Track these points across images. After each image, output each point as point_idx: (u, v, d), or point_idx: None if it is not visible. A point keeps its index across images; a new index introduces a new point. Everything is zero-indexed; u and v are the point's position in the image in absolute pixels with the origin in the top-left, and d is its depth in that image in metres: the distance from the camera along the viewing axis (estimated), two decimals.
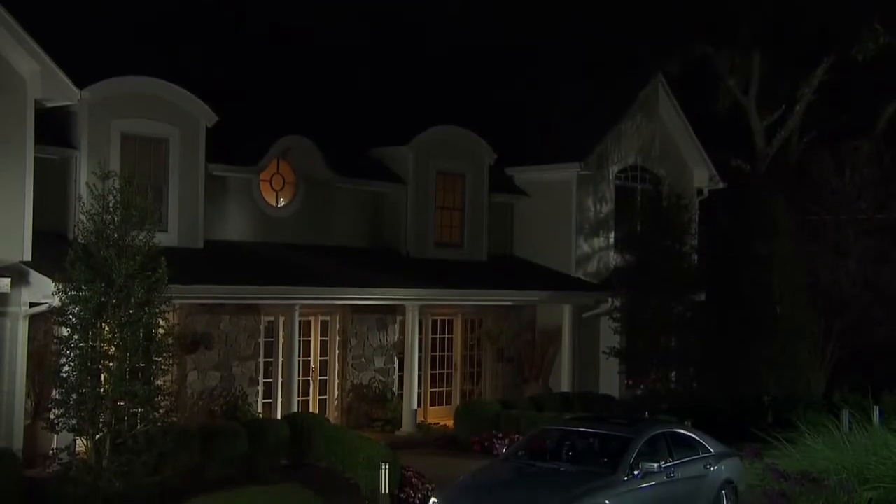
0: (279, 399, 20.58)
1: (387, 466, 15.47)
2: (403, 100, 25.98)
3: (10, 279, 16.16)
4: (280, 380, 20.61)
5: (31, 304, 16.61)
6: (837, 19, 29.56)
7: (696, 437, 15.58)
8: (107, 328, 14.96)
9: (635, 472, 13.94)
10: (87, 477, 14.57)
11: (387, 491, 15.43)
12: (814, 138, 31.16)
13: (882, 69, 29.75)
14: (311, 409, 21.39)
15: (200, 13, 24.32)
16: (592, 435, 15.12)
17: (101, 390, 14.79)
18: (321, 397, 22.03)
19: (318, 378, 22.02)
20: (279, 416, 19.61)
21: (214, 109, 19.92)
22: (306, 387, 21.70)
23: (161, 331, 15.59)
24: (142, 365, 15.06)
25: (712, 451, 15.41)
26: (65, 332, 15.16)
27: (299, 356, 20.40)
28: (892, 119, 31.72)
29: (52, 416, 15.03)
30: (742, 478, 14.60)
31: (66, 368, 14.97)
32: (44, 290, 16.09)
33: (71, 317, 14.92)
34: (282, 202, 21.90)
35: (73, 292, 14.87)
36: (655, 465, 14.14)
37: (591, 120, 25.96)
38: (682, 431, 15.68)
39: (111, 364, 14.85)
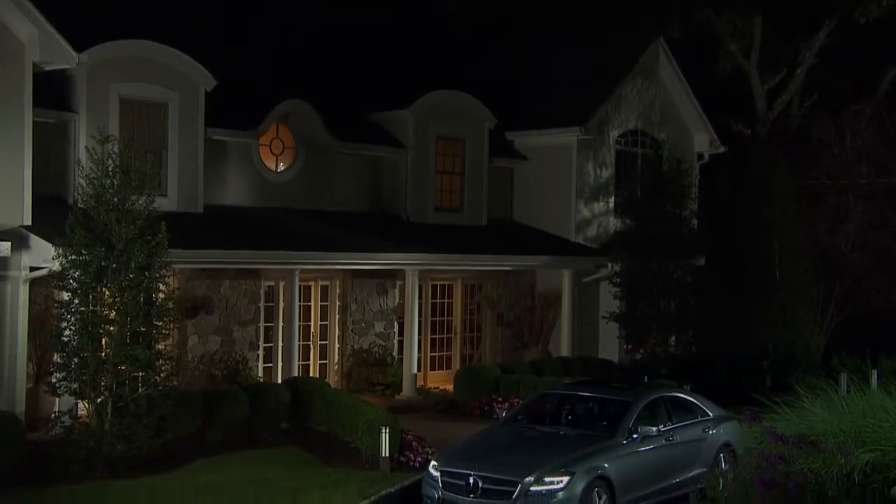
0: (279, 363, 20.67)
1: (387, 430, 15.57)
2: (403, 65, 25.86)
3: (10, 243, 16.17)
4: (280, 344, 20.69)
5: (32, 269, 16.62)
6: None
7: (694, 400, 15.67)
8: (107, 292, 15.01)
9: (634, 436, 14.03)
10: (89, 440, 14.68)
11: (387, 454, 15.55)
12: (815, 102, 31.05)
13: (885, 32, 29.56)
14: (311, 374, 21.47)
15: None
16: (592, 399, 15.20)
17: (103, 354, 14.87)
18: (321, 362, 22.10)
19: (319, 342, 22.08)
20: (280, 381, 19.69)
21: (214, 74, 19.84)
22: (307, 351, 21.76)
23: (161, 295, 15.65)
24: (142, 329, 15.14)
25: (711, 414, 15.50)
26: (65, 296, 15.22)
27: (299, 321, 20.44)
28: (895, 82, 31.59)
29: (53, 380, 15.12)
30: (740, 441, 14.64)
31: (67, 332, 15.05)
32: (44, 255, 16.11)
33: (71, 281, 14.98)
34: (281, 167, 21.86)
35: (73, 256, 14.91)
36: (654, 428, 14.23)
37: (591, 84, 25.84)
38: (680, 395, 15.77)
39: (112, 328, 14.92)
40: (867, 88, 30.45)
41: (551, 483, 12.89)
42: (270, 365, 20.94)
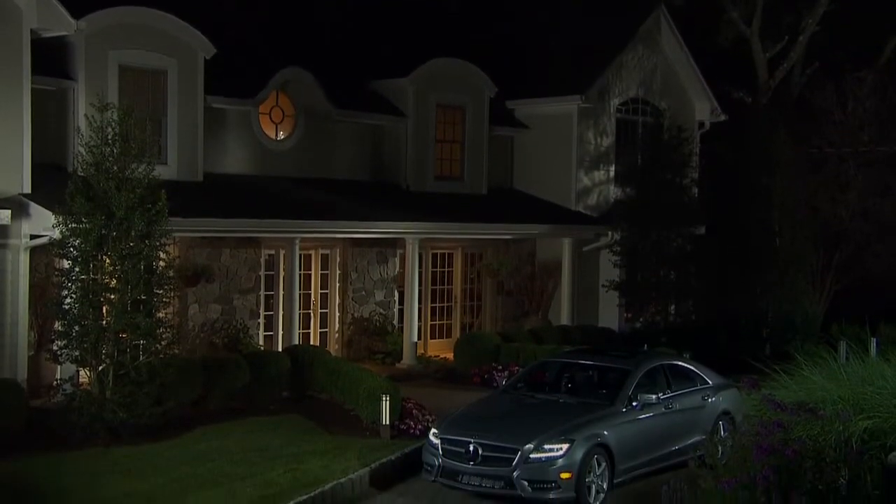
0: (280, 332, 20.71)
1: (387, 398, 15.62)
2: (403, 33, 25.73)
3: (10, 211, 16.16)
4: (281, 313, 20.72)
5: (32, 237, 16.63)
6: None
7: (694, 368, 15.72)
8: (107, 260, 15.03)
9: (634, 404, 14.08)
10: (91, 407, 14.74)
11: (387, 422, 15.61)
12: (817, 70, 30.92)
13: None
14: (311, 342, 21.52)
15: None
16: (592, 367, 15.26)
17: (104, 322, 14.91)
18: (322, 330, 22.14)
19: (319, 311, 22.12)
20: (280, 349, 19.73)
21: (213, 42, 19.74)
22: (307, 320, 21.80)
23: (162, 263, 15.66)
24: (143, 297, 15.16)
25: (710, 382, 15.55)
26: (66, 264, 15.24)
27: (300, 289, 20.47)
28: None
29: (55, 348, 15.17)
30: (739, 408, 14.72)
31: (67, 300, 15.08)
32: (44, 223, 16.10)
33: (72, 249, 14.99)
34: (281, 135, 21.81)
35: (73, 225, 14.92)
36: (654, 396, 14.28)
37: (592, 52, 25.73)
38: (680, 363, 15.81)
39: (112, 296, 14.95)
40: (869, 55, 30.31)
41: (551, 450, 12.95)
42: (271, 333, 20.99)
